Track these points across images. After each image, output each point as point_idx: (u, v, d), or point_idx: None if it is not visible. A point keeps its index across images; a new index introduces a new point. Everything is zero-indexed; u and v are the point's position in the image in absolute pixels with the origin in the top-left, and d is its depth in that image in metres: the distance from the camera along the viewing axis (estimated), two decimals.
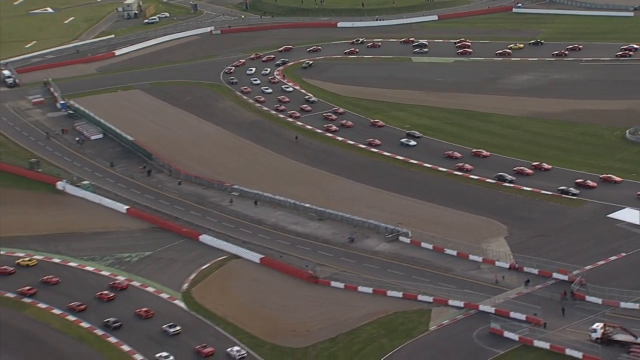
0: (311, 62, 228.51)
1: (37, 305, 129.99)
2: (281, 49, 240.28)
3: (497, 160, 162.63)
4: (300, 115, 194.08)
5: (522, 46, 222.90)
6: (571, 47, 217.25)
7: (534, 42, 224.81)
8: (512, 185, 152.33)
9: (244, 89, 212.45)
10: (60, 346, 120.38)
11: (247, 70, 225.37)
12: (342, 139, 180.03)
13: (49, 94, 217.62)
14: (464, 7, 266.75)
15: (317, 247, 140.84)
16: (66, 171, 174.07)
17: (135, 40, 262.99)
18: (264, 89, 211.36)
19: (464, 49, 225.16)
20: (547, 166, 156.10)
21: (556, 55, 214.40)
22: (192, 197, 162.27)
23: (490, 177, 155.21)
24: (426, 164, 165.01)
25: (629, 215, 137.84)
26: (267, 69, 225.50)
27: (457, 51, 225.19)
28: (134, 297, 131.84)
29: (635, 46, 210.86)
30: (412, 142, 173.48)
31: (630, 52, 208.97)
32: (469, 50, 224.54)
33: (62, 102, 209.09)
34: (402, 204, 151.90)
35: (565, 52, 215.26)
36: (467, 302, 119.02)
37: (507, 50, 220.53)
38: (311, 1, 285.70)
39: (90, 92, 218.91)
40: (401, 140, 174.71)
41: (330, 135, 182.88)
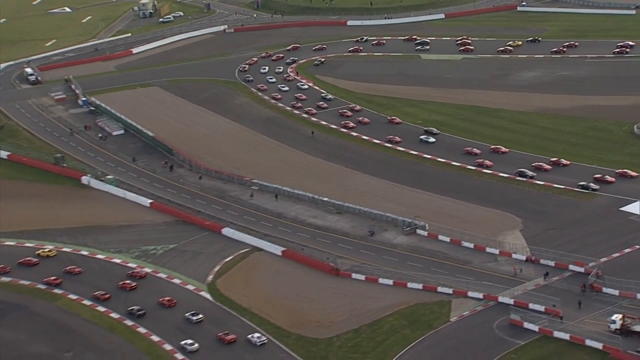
0: (323, 59, 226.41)
1: (67, 296, 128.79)
2: (289, 48, 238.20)
3: (516, 156, 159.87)
4: (316, 112, 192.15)
5: (520, 43, 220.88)
6: (568, 44, 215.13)
7: (531, 39, 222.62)
8: (524, 179, 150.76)
9: (261, 86, 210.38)
10: (92, 336, 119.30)
11: (261, 69, 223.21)
12: (357, 135, 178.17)
13: (70, 91, 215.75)
14: (470, 6, 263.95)
15: (336, 240, 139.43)
16: (90, 166, 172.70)
17: (151, 38, 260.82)
18: (281, 86, 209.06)
19: (466, 47, 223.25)
20: (565, 162, 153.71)
21: (554, 52, 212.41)
22: (213, 191, 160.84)
23: (510, 173, 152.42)
24: (440, 159, 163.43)
25: None
26: (280, 67, 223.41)
27: (458, 49, 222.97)
28: (157, 286, 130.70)
29: (630, 43, 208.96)
30: (431, 139, 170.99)
31: (627, 50, 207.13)
32: (470, 47, 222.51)
33: (83, 98, 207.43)
34: (418, 198, 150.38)
35: (563, 49, 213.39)
36: (487, 293, 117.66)
37: (508, 47, 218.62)
38: (321, 0, 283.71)
39: (109, 89, 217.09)
40: (420, 137, 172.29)
41: (345, 131, 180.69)
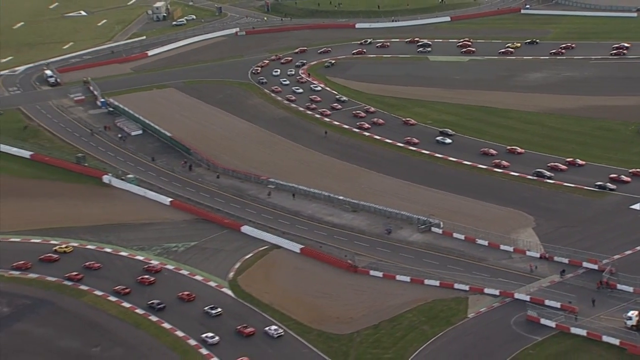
0: (333, 61, 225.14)
1: (93, 292, 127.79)
2: (297, 51, 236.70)
3: (532, 157, 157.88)
4: (330, 113, 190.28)
5: (519, 45, 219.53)
6: (565, 46, 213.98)
7: (529, 41, 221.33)
8: (536, 178, 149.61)
9: (275, 88, 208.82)
10: (118, 332, 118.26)
11: (273, 71, 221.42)
12: (371, 135, 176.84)
13: (89, 92, 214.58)
14: (475, 9, 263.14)
15: (353, 238, 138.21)
16: (111, 165, 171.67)
17: (165, 41, 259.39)
18: (295, 89, 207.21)
19: (467, 48, 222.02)
20: (581, 162, 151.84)
21: (553, 53, 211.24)
22: (231, 189, 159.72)
23: (527, 174, 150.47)
24: (451, 158, 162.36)
25: None
26: (291, 70, 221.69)
27: (460, 50, 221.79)
28: (178, 282, 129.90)
29: (626, 45, 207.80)
30: (447, 140, 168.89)
31: (624, 51, 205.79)
32: (472, 49, 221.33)
33: (102, 99, 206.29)
34: (431, 196, 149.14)
35: (562, 50, 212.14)
36: (503, 290, 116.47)
37: (509, 49, 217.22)
38: (329, 3, 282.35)
39: (127, 90, 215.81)
40: (437, 138, 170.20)
41: (358, 131, 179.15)
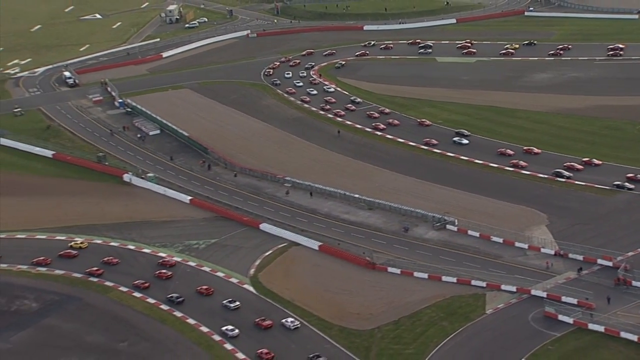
0: (344, 62, 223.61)
1: (118, 288, 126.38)
2: (304, 53, 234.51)
3: (548, 157, 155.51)
4: (345, 114, 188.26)
5: (517, 46, 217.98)
6: (562, 47, 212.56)
7: (527, 42, 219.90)
8: (546, 176, 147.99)
9: (289, 90, 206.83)
10: (144, 327, 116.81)
11: (285, 73, 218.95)
12: (387, 136, 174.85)
13: (106, 93, 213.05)
14: (479, 11, 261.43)
15: (370, 235, 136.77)
16: (131, 164, 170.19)
17: (179, 43, 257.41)
18: (310, 90, 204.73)
19: (468, 50, 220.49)
20: (597, 162, 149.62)
21: (551, 54, 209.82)
22: (248, 188, 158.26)
23: (542, 173, 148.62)
24: (463, 157, 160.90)
25: None
26: (303, 72, 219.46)
27: (461, 52, 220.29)
28: (198, 277, 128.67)
29: (620, 46, 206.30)
30: (464, 141, 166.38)
31: (620, 52, 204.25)
32: (473, 50, 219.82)
33: (120, 100, 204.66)
34: (445, 194, 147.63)
35: (560, 51, 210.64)
36: (519, 286, 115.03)
37: (509, 50, 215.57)
38: (335, 7, 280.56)
39: (143, 91, 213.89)
40: (454, 139, 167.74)
41: (370, 130, 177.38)
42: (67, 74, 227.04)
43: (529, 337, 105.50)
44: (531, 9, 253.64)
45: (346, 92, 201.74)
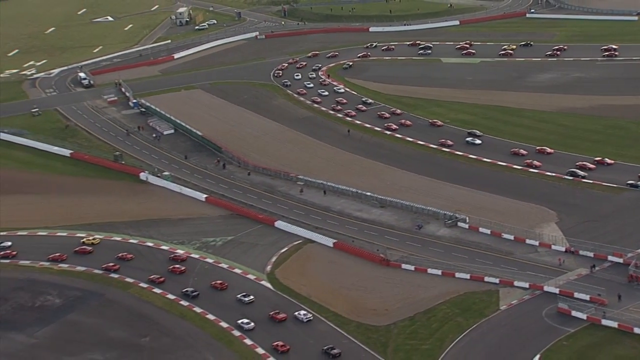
0: (351, 63, 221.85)
1: (139, 284, 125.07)
2: (309, 55, 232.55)
3: (561, 156, 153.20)
4: (356, 114, 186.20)
5: (514, 47, 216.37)
6: (557, 48, 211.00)
7: (524, 43, 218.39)
8: (554, 174, 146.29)
9: (300, 91, 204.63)
10: (165, 322, 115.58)
11: (294, 75, 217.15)
12: (391, 133, 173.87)
13: (120, 94, 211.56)
14: (482, 13, 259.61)
15: (383, 232, 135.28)
16: (147, 163, 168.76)
17: (190, 44, 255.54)
18: (321, 91, 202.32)
19: (467, 51, 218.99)
20: (609, 161, 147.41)
21: (548, 55, 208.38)
22: (262, 186, 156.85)
23: (560, 173, 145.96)
24: (471, 155, 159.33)
25: None
26: (312, 73, 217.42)
27: (461, 53, 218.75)
28: (212, 273, 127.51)
29: (614, 46, 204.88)
30: (477, 141, 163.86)
31: (615, 53, 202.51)
32: (472, 51, 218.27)
33: (134, 100, 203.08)
34: (454, 192, 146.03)
35: (557, 52, 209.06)
36: (532, 283, 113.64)
37: (508, 51, 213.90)
38: (340, 9, 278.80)
39: (156, 91, 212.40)
40: (467, 139, 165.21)
41: (382, 131, 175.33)
42: (82, 74, 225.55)
43: (544, 333, 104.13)
44: (532, 10, 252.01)
45: (354, 92, 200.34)
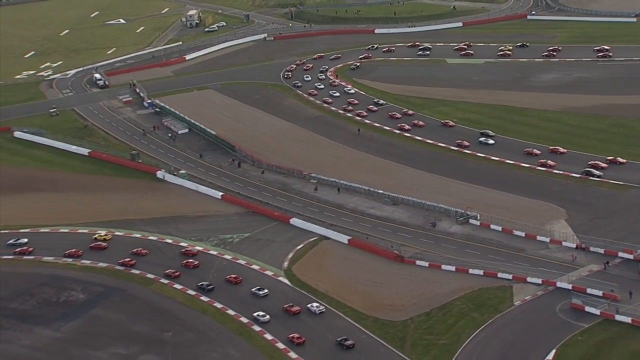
0: (358, 64, 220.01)
1: (159, 280, 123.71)
2: (315, 57, 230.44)
3: (574, 156, 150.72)
4: (367, 114, 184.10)
5: (511, 48, 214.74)
6: (552, 48, 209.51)
7: (520, 44, 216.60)
8: (562, 172, 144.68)
9: (311, 92, 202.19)
10: (187, 318, 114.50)
11: (304, 76, 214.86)
12: (399, 132, 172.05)
13: (135, 94, 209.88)
14: (484, 15, 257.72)
15: (396, 229, 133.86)
16: (163, 162, 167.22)
17: (201, 46, 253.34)
18: (332, 92, 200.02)
19: (465, 52, 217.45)
20: (622, 160, 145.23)
21: (545, 55, 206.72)
22: (276, 184, 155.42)
23: (575, 173, 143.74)
24: (479, 154, 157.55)
25: None
26: (321, 74, 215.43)
27: (459, 54, 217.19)
28: (231, 269, 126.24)
29: (606, 47, 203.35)
30: (490, 141, 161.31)
31: (609, 54, 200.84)
32: (470, 52, 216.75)
33: (148, 100, 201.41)
34: (465, 190, 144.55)
35: (553, 52, 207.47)
36: (545, 279, 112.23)
37: (506, 52, 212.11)
38: (348, 11, 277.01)
39: (170, 91, 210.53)
40: (479, 139, 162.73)
41: (396, 131, 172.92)
42: (97, 75, 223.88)
43: (558, 328, 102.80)
44: (533, 12, 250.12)
45: (363, 93, 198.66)
